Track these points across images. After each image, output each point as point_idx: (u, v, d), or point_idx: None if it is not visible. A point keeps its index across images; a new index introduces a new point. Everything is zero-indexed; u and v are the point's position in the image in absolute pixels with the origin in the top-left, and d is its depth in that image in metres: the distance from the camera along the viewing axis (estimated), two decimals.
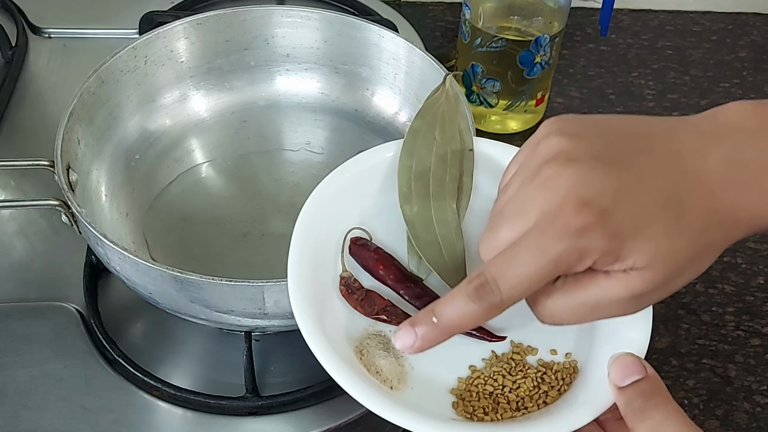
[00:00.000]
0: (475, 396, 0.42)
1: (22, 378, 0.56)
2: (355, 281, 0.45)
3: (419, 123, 0.49)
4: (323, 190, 0.47)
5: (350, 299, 0.45)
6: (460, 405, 0.42)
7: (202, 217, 0.63)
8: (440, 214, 0.46)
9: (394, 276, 0.46)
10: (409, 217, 0.46)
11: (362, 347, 0.43)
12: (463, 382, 0.43)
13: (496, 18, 0.74)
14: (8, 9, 0.85)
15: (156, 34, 0.65)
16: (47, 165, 0.55)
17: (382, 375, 0.42)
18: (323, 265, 0.45)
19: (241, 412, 0.55)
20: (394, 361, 0.42)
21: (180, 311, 0.53)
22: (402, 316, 0.44)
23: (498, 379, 0.42)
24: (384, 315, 0.44)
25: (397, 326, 0.40)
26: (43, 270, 0.63)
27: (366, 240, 0.47)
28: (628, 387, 0.38)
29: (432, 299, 0.44)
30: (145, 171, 0.65)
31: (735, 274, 0.70)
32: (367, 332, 0.44)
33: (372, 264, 0.46)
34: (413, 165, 0.47)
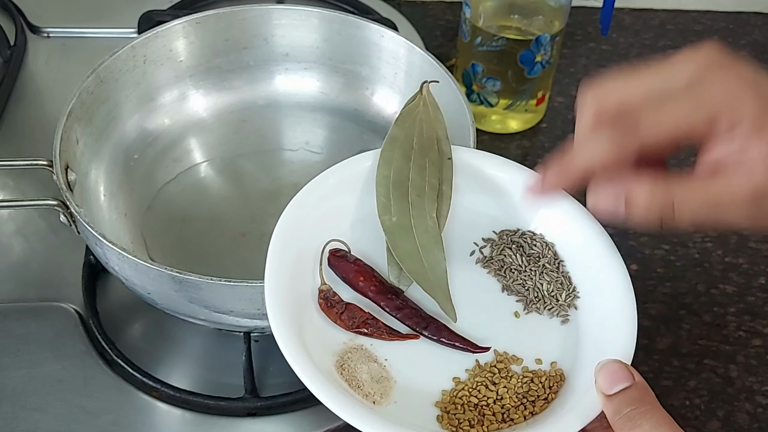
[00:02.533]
0: (459, 408, 0.41)
1: (21, 379, 0.56)
2: (334, 294, 0.44)
3: (397, 131, 0.49)
4: (301, 200, 0.46)
5: (330, 313, 0.44)
6: (445, 418, 0.41)
7: (201, 217, 0.63)
8: (420, 223, 0.45)
9: (375, 288, 0.45)
10: (388, 227, 0.45)
11: (343, 362, 0.42)
12: (447, 395, 0.42)
13: (497, 17, 0.74)
14: (7, 8, 0.85)
15: (155, 33, 0.64)
16: (46, 165, 0.55)
17: (363, 389, 0.41)
18: (302, 277, 0.44)
19: (241, 413, 0.54)
20: (376, 375, 0.42)
21: (179, 311, 0.52)
22: (384, 329, 0.43)
23: (482, 390, 0.42)
24: (365, 328, 0.43)
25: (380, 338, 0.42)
26: (41, 270, 0.63)
27: (345, 251, 0.46)
28: (616, 395, 0.38)
29: (413, 311, 0.44)
30: (144, 171, 0.65)
31: (736, 275, 0.70)
32: (348, 346, 0.43)
33: (352, 276, 0.45)
34: (391, 174, 0.47)
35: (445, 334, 0.43)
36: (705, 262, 0.71)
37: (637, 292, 0.69)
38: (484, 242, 0.48)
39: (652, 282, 0.70)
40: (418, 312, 0.44)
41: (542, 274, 0.46)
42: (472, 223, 0.48)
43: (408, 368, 0.42)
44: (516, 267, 0.46)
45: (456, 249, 0.47)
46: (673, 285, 0.69)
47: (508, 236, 0.48)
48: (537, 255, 0.47)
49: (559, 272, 0.46)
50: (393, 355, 0.43)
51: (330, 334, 0.43)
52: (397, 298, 0.45)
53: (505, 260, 0.47)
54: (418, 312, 0.44)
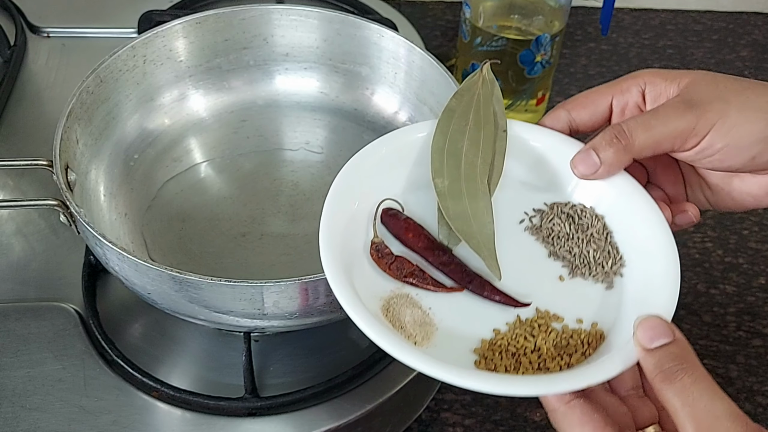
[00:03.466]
0: (497, 355, 0.42)
1: (21, 379, 0.56)
2: (385, 247, 0.47)
3: (455, 104, 0.50)
4: (357, 163, 0.48)
5: (380, 263, 0.46)
6: (482, 363, 0.42)
7: (201, 217, 0.63)
8: (471, 189, 0.47)
9: (423, 244, 0.47)
10: (440, 190, 0.47)
11: (389, 306, 0.44)
12: (486, 343, 0.43)
13: (497, 17, 0.74)
14: (7, 8, 0.85)
15: (155, 33, 0.64)
16: (45, 165, 0.55)
17: (406, 331, 0.43)
18: (355, 233, 0.47)
19: (241, 413, 0.54)
20: (419, 319, 0.44)
21: (179, 311, 0.52)
22: (429, 280, 0.45)
23: (520, 341, 0.43)
24: (412, 278, 0.45)
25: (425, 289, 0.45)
26: (41, 270, 0.63)
27: (397, 210, 0.48)
28: (656, 350, 0.38)
29: (458, 266, 0.46)
30: (144, 171, 0.65)
31: (736, 275, 0.70)
32: (395, 293, 0.45)
33: (402, 232, 0.47)
34: (446, 145, 0.48)
35: (489, 288, 0.45)
36: (705, 262, 0.71)
37: None
38: (534, 212, 0.49)
39: None
40: (464, 268, 0.46)
41: (589, 243, 0.47)
42: (523, 194, 0.50)
43: (450, 317, 0.44)
44: (563, 235, 0.48)
45: (506, 217, 0.49)
46: None
47: (559, 207, 0.49)
48: (586, 225, 0.48)
49: (607, 242, 0.47)
50: (436, 305, 0.45)
51: (379, 282, 0.45)
52: (444, 255, 0.47)
53: (553, 228, 0.48)
54: (463, 268, 0.46)
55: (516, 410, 0.60)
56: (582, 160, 0.46)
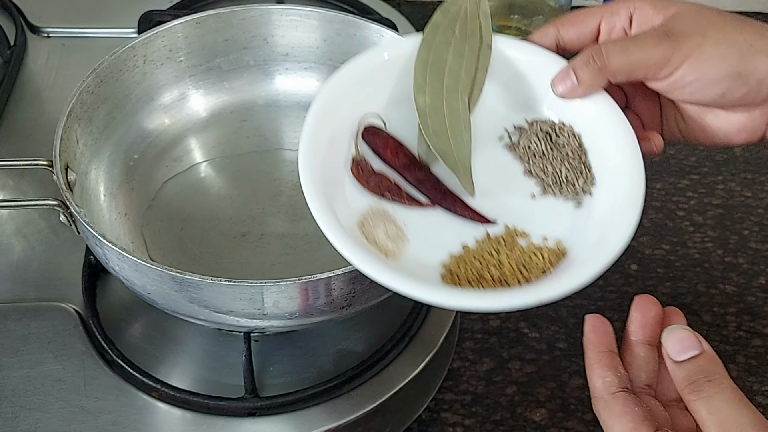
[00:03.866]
0: (462, 270, 0.44)
1: (21, 379, 0.56)
2: (366, 163, 0.48)
3: (440, 18, 0.50)
4: (340, 78, 0.49)
5: (360, 179, 0.47)
6: (448, 277, 0.44)
7: (201, 217, 0.63)
8: (451, 106, 0.48)
9: (401, 161, 0.48)
10: (421, 107, 0.48)
11: (364, 220, 0.46)
12: (454, 257, 0.45)
13: (497, 17, 0.74)
14: (7, 8, 0.85)
15: (155, 33, 0.64)
16: (45, 165, 0.55)
17: (378, 244, 0.45)
18: (338, 148, 0.48)
19: (241, 413, 0.54)
20: (392, 234, 0.45)
21: (179, 311, 0.52)
22: (405, 197, 0.47)
23: (485, 256, 0.44)
24: (389, 194, 0.47)
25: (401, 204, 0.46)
26: (41, 270, 0.63)
27: (378, 128, 0.49)
28: (685, 362, 0.39)
29: (433, 184, 0.47)
30: (144, 170, 0.65)
31: (736, 275, 0.70)
32: (372, 209, 0.47)
33: (382, 149, 0.48)
34: (430, 58, 0.49)
35: (460, 205, 0.46)
36: (705, 262, 0.71)
37: (637, 292, 0.69)
38: (515, 129, 0.50)
39: (652, 282, 0.70)
40: (439, 185, 0.47)
41: (563, 161, 0.48)
42: (505, 111, 0.51)
43: (423, 232, 0.46)
44: (539, 153, 0.48)
45: (487, 133, 0.50)
46: (673, 285, 0.69)
47: (538, 125, 0.49)
48: (562, 143, 0.48)
49: (581, 161, 0.48)
50: (410, 221, 0.46)
51: (357, 198, 0.47)
52: (421, 172, 0.48)
53: (530, 146, 0.49)
54: (438, 185, 0.47)
55: (516, 410, 0.60)
56: (561, 79, 0.48)
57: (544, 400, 0.61)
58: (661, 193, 0.77)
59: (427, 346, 0.58)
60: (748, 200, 0.77)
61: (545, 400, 0.61)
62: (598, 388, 0.41)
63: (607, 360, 0.42)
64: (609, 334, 0.43)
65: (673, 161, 0.81)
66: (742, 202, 0.76)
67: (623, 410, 0.40)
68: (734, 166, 0.80)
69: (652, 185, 0.78)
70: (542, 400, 0.61)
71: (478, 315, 0.66)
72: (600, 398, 0.41)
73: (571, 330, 0.66)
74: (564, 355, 0.64)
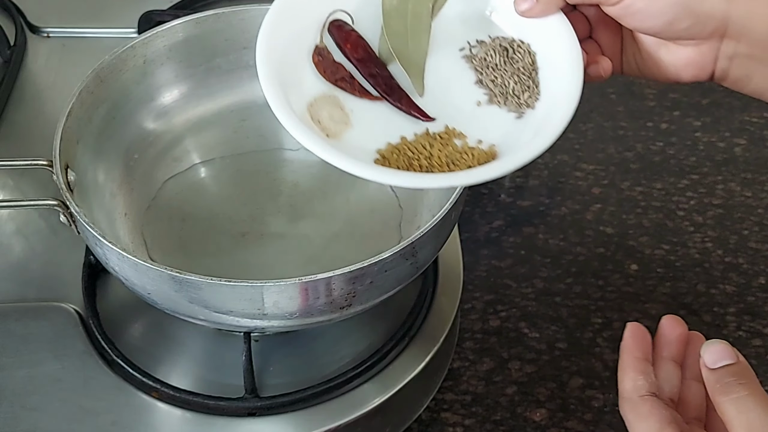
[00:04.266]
0: (394, 156, 0.47)
1: (21, 379, 0.56)
2: (328, 53, 0.51)
3: None
4: None
5: (319, 66, 0.50)
6: (380, 161, 0.47)
7: (201, 217, 0.63)
8: (415, 10, 0.51)
9: (358, 55, 0.51)
10: (387, 8, 0.51)
11: (315, 102, 0.49)
12: (390, 146, 0.48)
13: None
14: (7, 8, 0.85)
15: (155, 33, 0.64)
16: (45, 165, 0.55)
17: (322, 124, 0.48)
18: (305, 36, 0.51)
19: (241, 413, 0.54)
20: (336, 118, 0.49)
21: (179, 312, 0.52)
22: (357, 87, 0.50)
23: (418, 148, 0.47)
24: (342, 83, 0.50)
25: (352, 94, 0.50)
26: (41, 270, 0.63)
27: (344, 22, 0.51)
28: (719, 368, 0.40)
29: (384, 79, 0.50)
30: (144, 170, 0.65)
31: (736, 275, 0.70)
32: (325, 94, 0.50)
33: (343, 42, 0.51)
34: None
35: (405, 101, 0.49)
36: (705, 262, 0.71)
37: (637, 292, 0.69)
38: (476, 43, 0.52)
39: (652, 282, 0.70)
40: (389, 81, 0.50)
41: (513, 75, 0.50)
42: (470, 25, 0.53)
43: (367, 121, 0.49)
44: (493, 65, 0.51)
45: (450, 43, 0.52)
46: (673, 285, 0.69)
47: (498, 40, 0.52)
48: (517, 60, 0.51)
49: (530, 77, 0.50)
50: (358, 109, 0.50)
51: (314, 83, 0.50)
52: (375, 67, 0.50)
53: (486, 58, 0.51)
54: (388, 81, 0.50)
55: (516, 410, 0.60)
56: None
57: (544, 400, 0.61)
58: (661, 193, 0.77)
59: (427, 346, 0.58)
60: (748, 200, 0.77)
61: (545, 400, 0.61)
62: (627, 390, 0.42)
63: (640, 365, 0.43)
64: (647, 343, 0.44)
65: (673, 161, 0.81)
66: (742, 202, 0.76)
67: (651, 411, 0.41)
68: (734, 166, 0.80)
69: (652, 185, 0.78)
70: (542, 400, 0.61)
71: (478, 315, 0.66)
72: (628, 399, 0.42)
73: (571, 330, 0.66)
74: (564, 355, 0.64)
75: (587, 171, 0.79)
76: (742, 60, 0.47)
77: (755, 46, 0.47)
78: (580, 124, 0.84)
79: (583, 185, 0.78)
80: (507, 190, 0.78)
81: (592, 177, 0.79)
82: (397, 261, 0.49)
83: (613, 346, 0.65)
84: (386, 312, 0.59)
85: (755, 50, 0.47)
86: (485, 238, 0.73)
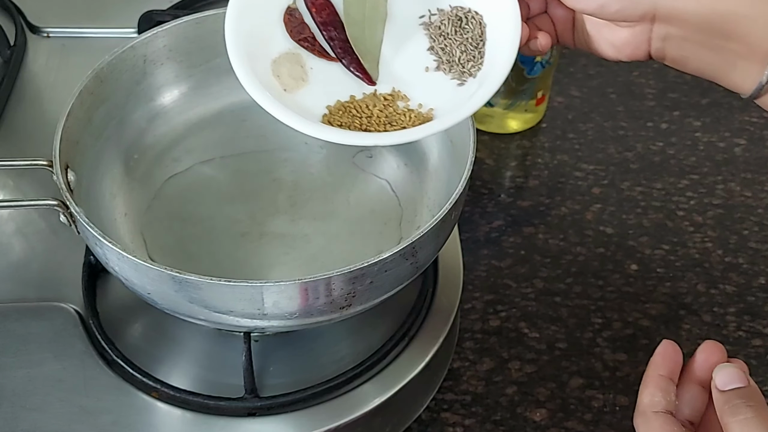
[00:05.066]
0: (339, 113, 0.51)
1: (21, 379, 0.56)
2: (299, 14, 0.54)
3: None
4: None
5: (287, 24, 0.54)
6: (326, 116, 0.51)
7: (201, 217, 0.63)
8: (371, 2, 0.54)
9: (322, 18, 0.54)
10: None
11: (278, 58, 0.53)
12: (338, 103, 0.52)
13: None
14: (7, 8, 0.85)
15: (155, 33, 0.64)
16: (45, 165, 0.55)
17: (281, 79, 0.52)
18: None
19: (240, 413, 0.54)
20: (295, 74, 0.53)
21: (179, 312, 0.52)
22: (318, 48, 0.54)
23: (361, 108, 0.51)
24: (304, 42, 0.54)
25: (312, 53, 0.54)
26: (41, 270, 0.63)
27: None
28: (729, 390, 0.41)
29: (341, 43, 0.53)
30: (144, 170, 0.65)
31: (736, 275, 0.70)
32: (289, 51, 0.54)
33: (311, 3, 0.55)
34: None
35: (355, 64, 0.53)
36: (705, 262, 0.71)
37: (637, 292, 0.69)
38: (437, 11, 0.55)
39: (652, 282, 0.70)
40: (345, 45, 0.53)
41: (461, 45, 0.53)
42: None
43: (322, 79, 0.53)
44: (444, 33, 0.54)
45: (411, 11, 0.55)
46: (673, 285, 0.69)
47: (455, 11, 0.54)
48: (468, 30, 0.53)
49: (476, 48, 0.53)
50: (317, 68, 0.54)
51: (281, 41, 0.54)
52: (335, 31, 0.54)
53: (440, 27, 0.54)
54: (344, 45, 0.53)
55: (516, 410, 0.60)
56: None
57: (544, 400, 0.61)
58: (661, 193, 0.77)
59: (427, 346, 0.58)
60: (748, 200, 0.77)
61: (545, 400, 0.61)
62: (644, 404, 0.43)
63: (662, 383, 0.44)
64: (675, 363, 0.45)
65: (673, 161, 0.81)
66: (742, 202, 0.76)
67: (661, 427, 0.42)
68: (734, 166, 0.80)
69: (652, 185, 0.78)
70: (542, 400, 0.61)
71: (478, 315, 0.66)
72: (642, 413, 0.43)
73: (571, 330, 0.66)
74: (564, 355, 0.64)
75: (587, 171, 0.79)
76: (676, 41, 0.49)
77: (686, 29, 0.48)
78: (580, 124, 0.84)
79: (583, 185, 0.78)
80: (507, 190, 0.78)
81: (592, 177, 0.79)
82: (397, 261, 0.49)
83: (613, 346, 0.65)
84: (386, 312, 0.59)
85: (687, 33, 0.48)
86: (485, 238, 0.73)
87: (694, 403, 0.45)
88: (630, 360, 0.63)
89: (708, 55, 0.48)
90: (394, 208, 0.63)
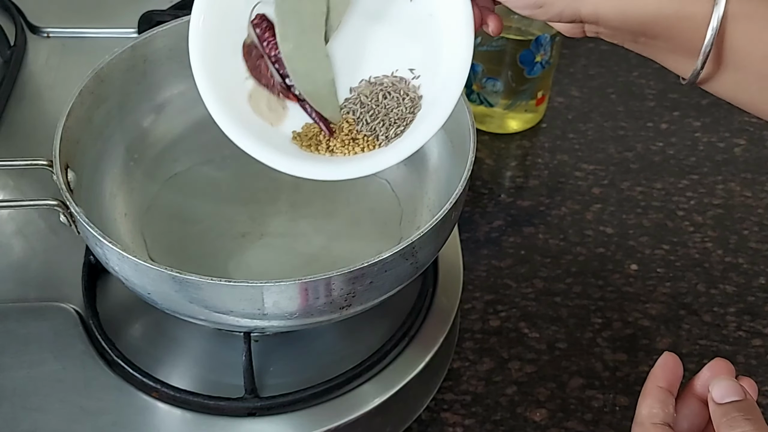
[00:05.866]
0: (305, 137, 0.51)
1: (21, 379, 0.56)
2: (255, 48, 0.52)
3: None
4: None
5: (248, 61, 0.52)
6: (297, 140, 0.51)
7: (201, 217, 0.63)
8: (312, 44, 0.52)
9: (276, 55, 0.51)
10: (287, 54, 0.52)
11: (252, 94, 0.52)
12: (306, 126, 0.52)
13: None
14: (7, 8, 0.85)
15: (155, 33, 0.64)
16: (45, 165, 0.55)
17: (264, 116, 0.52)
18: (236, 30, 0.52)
19: (241, 413, 0.54)
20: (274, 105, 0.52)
21: (179, 312, 0.52)
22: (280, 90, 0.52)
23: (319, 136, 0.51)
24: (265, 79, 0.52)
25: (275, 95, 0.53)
26: (41, 270, 0.63)
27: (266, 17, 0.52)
28: (727, 404, 0.42)
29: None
30: (144, 170, 0.65)
31: (736, 275, 0.70)
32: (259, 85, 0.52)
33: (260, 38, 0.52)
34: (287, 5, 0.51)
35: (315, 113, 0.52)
36: (705, 262, 0.71)
37: (637, 292, 0.69)
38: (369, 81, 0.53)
39: (652, 282, 0.70)
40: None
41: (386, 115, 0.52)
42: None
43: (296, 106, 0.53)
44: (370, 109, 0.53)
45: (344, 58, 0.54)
46: (673, 285, 0.69)
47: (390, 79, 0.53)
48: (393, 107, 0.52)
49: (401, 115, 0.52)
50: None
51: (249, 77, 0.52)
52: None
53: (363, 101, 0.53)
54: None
55: (516, 410, 0.60)
56: None
57: (544, 400, 0.61)
58: (661, 193, 0.77)
59: (427, 346, 0.58)
60: (748, 200, 0.77)
61: (545, 400, 0.61)
62: (642, 415, 0.43)
63: (661, 395, 0.44)
64: (674, 376, 0.45)
65: (673, 161, 0.81)
66: (742, 202, 0.76)
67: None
68: (734, 166, 0.80)
69: (652, 185, 0.78)
70: (542, 400, 0.61)
71: (478, 315, 0.66)
72: (640, 424, 0.43)
73: (571, 330, 0.66)
74: (564, 355, 0.64)
75: (587, 171, 0.79)
76: (607, 36, 0.50)
77: (613, 30, 0.48)
78: (580, 124, 0.84)
79: (583, 185, 0.78)
80: (507, 190, 0.78)
81: (592, 177, 0.79)
82: (397, 261, 0.49)
83: (613, 346, 0.65)
84: (386, 312, 0.59)
85: (614, 32, 0.49)
86: (485, 238, 0.73)
87: (692, 417, 0.45)
88: (630, 360, 0.63)
89: (640, 48, 0.50)
90: (394, 207, 0.63)
